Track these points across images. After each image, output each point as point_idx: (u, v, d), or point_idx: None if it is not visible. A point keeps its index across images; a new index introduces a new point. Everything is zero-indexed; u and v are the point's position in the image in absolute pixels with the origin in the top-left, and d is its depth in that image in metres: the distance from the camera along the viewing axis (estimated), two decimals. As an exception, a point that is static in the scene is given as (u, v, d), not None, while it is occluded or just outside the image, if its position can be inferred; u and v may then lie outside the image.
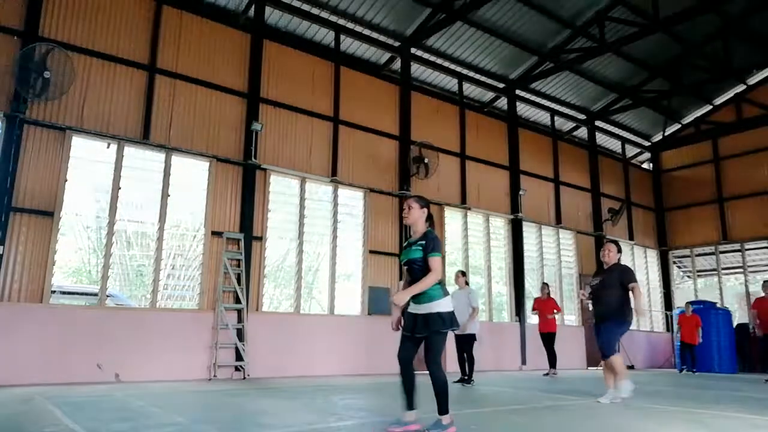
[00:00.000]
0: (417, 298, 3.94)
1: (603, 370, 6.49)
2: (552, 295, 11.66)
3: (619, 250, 6.62)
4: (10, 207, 7.40)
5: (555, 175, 14.89)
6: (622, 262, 6.72)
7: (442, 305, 3.88)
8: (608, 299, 6.30)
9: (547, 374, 10.48)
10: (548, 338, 10.79)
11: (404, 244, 4.23)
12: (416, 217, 4.09)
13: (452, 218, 12.43)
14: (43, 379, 7.08)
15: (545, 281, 12.32)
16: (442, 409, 3.82)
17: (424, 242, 3.98)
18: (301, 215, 10.07)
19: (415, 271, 3.98)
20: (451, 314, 3.92)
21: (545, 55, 13.12)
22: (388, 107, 11.72)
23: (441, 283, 3.98)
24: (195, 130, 9.14)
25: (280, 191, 10.01)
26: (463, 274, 8.93)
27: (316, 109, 10.62)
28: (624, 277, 6.35)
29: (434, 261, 3.90)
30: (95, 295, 8.30)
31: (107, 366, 7.62)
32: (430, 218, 4.15)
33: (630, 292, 6.30)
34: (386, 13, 11.11)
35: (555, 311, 10.99)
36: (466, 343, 8.44)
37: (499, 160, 13.61)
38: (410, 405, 3.94)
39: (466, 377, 8.33)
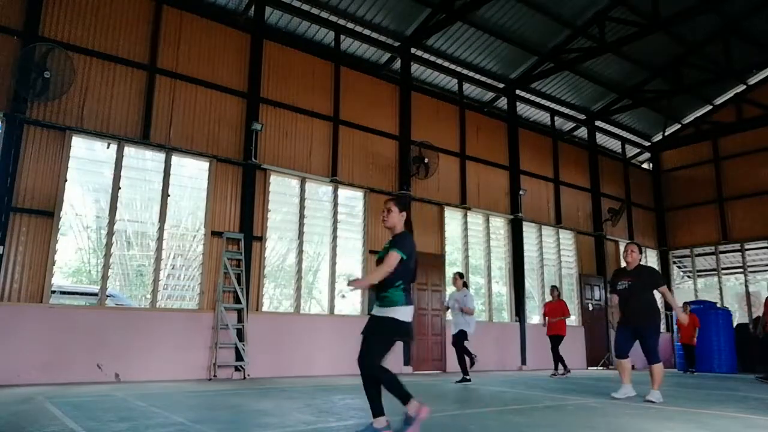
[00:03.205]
0: (380, 300, 3.81)
1: (617, 367, 6.53)
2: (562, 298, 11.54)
3: (641, 251, 6.62)
4: (10, 207, 7.40)
5: (555, 175, 14.89)
6: (644, 264, 6.71)
7: (400, 312, 3.72)
8: (640, 303, 6.27)
9: (554, 375, 10.42)
10: (555, 341, 10.70)
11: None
12: (395, 221, 3.95)
13: (452, 218, 12.43)
14: (43, 379, 7.08)
15: (554, 284, 12.13)
16: (403, 400, 3.63)
17: (393, 239, 3.87)
18: (301, 215, 10.07)
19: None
20: (407, 325, 3.74)
21: (545, 55, 13.12)
22: (388, 107, 11.72)
23: (407, 290, 3.79)
24: (195, 130, 9.14)
25: (280, 191, 10.01)
26: (461, 276, 8.94)
27: (316, 109, 10.62)
28: (654, 279, 6.37)
29: (390, 256, 3.73)
30: (95, 295, 8.30)
31: (107, 366, 7.62)
32: (408, 223, 4.01)
33: (652, 293, 6.34)
34: (386, 13, 11.10)
35: (563, 315, 10.84)
36: (457, 339, 8.47)
37: (499, 160, 13.61)
38: (379, 410, 3.70)
39: (468, 378, 8.33)
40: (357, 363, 3.69)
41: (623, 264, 6.75)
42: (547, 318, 10.89)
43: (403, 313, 3.74)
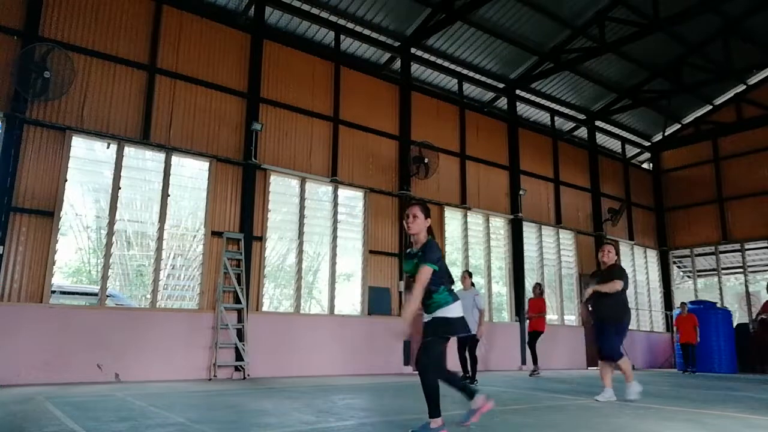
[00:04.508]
0: (427, 308, 3.91)
1: (600, 370, 6.52)
2: (545, 296, 11.60)
3: (617, 252, 6.68)
4: (10, 207, 7.40)
5: (555, 175, 14.89)
6: (620, 264, 6.75)
7: (449, 311, 3.83)
8: (606, 302, 6.34)
9: (533, 374, 10.41)
10: (533, 336, 10.80)
11: (406, 252, 4.17)
12: (421, 227, 3.97)
13: (452, 218, 12.43)
14: (43, 379, 7.08)
15: (537, 281, 12.24)
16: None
17: (421, 253, 3.90)
18: (301, 215, 10.07)
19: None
20: (461, 320, 3.87)
21: (545, 55, 13.12)
22: (388, 107, 11.71)
23: (449, 290, 3.91)
24: (195, 130, 9.14)
25: (280, 191, 10.01)
26: (470, 275, 8.91)
27: (316, 109, 10.62)
28: (615, 275, 6.38)
29: (422, 270, 3.78)
30: (95, 295, 8.30)
31: (107, 366, 7.62)
32: (430, 229, 4.06)
33: (622, 291, 6.35)
34: (386, 13, 11.11)
35: (540, 312, 10.88)
36: (470, 343, 8.43)
37: (499, 160, 13.61)
38: (436, 411, 3.79)
39: (468, 376, 8.32)
40: (416, 367, 3.84)
41: (601, 265, 6.77)
42: (528, 313, 11.10)
43: (453, 310, 3.86)
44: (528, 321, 11.12)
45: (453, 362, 10.12)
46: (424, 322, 3.94)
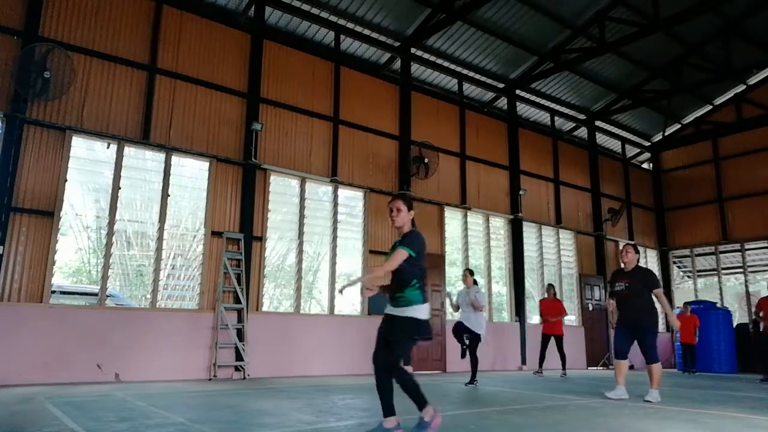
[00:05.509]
0: (395, 300, 3.81)
1: (615, 369, 6.55)
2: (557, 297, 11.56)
3: (637, 252, 6.69)
4: (10, 207, 7.40)
5: (555, 175, 14.89)
6: (642, 265, 6.78)
7: (419, 311, 3.73)
8: (637, 304, 6.34)
9: (564, 375, 10.42)
10: (556, 340, 10.68)
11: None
12: (405, 220, 3.95)
13: (452, 218, 12.43)
14: (43, 379, 7.08)
15: (551, 282, 12.17)
16: (420, 405, 3.70)
17: (401, 238, 3.88)
18: (301, 215, 10.07)
19: (396, 270, 3.79)
20: (427, 323, 3.76)
21: (545, 55, 13.12)
22: (388, 107, 11.71)
23: (422, 288, 3.80)
24: (195, 130, 9.14)
25: (280, 191, 10.01)
26: (471, 273, 8.89)
27: (316, 109, 10.62)
28: (650, 281, 6.44)
29: (396, 252, 3.73)
30: (95, 295, 8.30)
31: (107, 366, 7.62)
32: (413, 221, 4.02)
33: (650, 294, 6.39)
34: (386, 13, 11.10)
35: (561, 315, 10.76)
36: (471, 342, 8.38)
37: (499, 160, 13.61)
38: (390, 410, 3.70)
39: (474, 382, 8.24)
40: (372, 361, 3.71)
41: (621, 265, 6.82)
42: (543, 315, 10.93)
43: (422, 311, 3.75)
44: (543, 323, 10.97)
45: (452, 363, 10.14)
46: (388, 314, 3.84)
